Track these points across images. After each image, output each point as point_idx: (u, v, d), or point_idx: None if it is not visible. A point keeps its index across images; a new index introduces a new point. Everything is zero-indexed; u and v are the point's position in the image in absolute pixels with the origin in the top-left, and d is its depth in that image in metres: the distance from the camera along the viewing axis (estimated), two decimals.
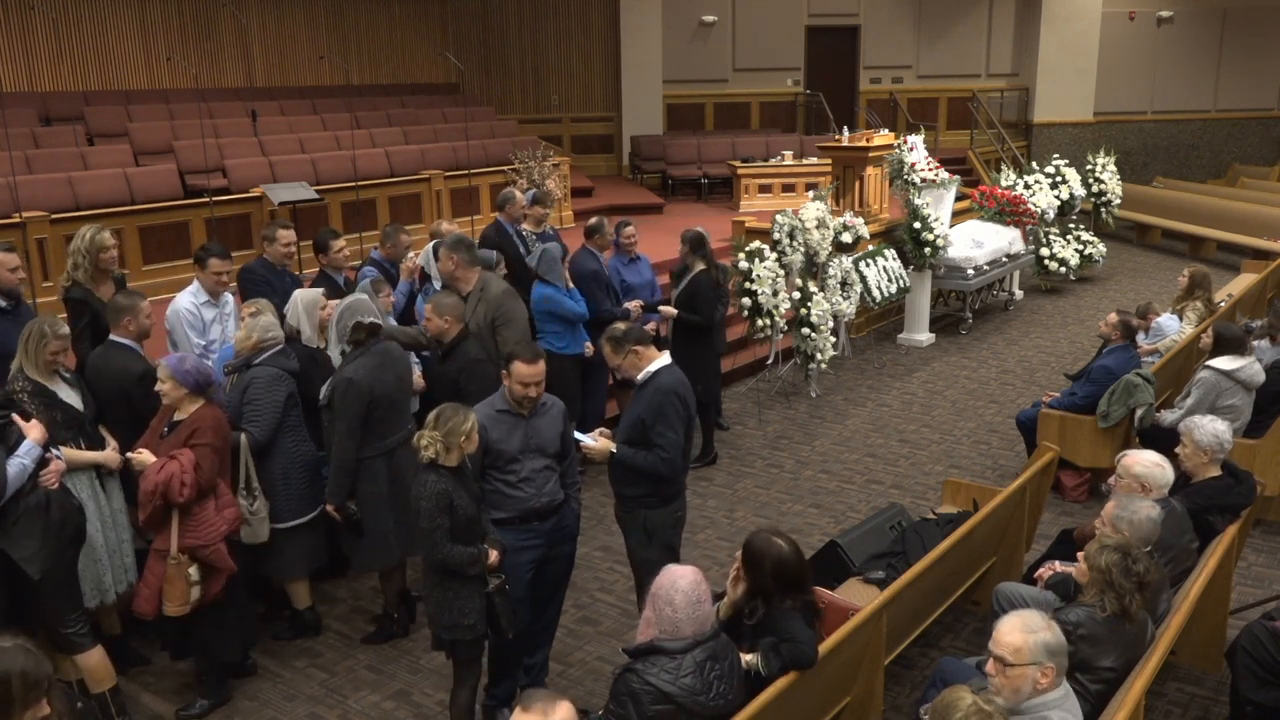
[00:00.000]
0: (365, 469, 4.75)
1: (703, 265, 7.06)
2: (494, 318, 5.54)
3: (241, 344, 4.77)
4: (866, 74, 17.66)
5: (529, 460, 4.19)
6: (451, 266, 5.60)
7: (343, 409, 4.64)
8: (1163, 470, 4.49)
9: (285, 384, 4.75)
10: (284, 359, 4.80)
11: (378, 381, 4.70)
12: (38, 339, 4.32)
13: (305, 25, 13.79)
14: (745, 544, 3.50)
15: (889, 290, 9.57)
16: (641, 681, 3.08)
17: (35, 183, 8.46)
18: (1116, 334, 6.81)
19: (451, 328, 5.02)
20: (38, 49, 11.49)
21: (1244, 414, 6.22)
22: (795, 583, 3.44)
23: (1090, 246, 12.69)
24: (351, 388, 4.62)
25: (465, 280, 5.63)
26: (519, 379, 4.10)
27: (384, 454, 4.79)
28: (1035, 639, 3.00)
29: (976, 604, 5.21)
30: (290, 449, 4.79)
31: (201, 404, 4.32)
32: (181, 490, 4.10)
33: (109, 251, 5.35)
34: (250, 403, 4.64)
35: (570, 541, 4.46)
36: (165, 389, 4.28)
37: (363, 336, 4.77)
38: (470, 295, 5.58)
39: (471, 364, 5.01)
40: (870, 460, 7.45)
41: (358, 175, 9.97)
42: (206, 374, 4.36)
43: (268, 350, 4.76)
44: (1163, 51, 18.23)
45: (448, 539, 3.82)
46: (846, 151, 10.34)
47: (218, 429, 4.32)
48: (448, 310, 5.01)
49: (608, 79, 16.37)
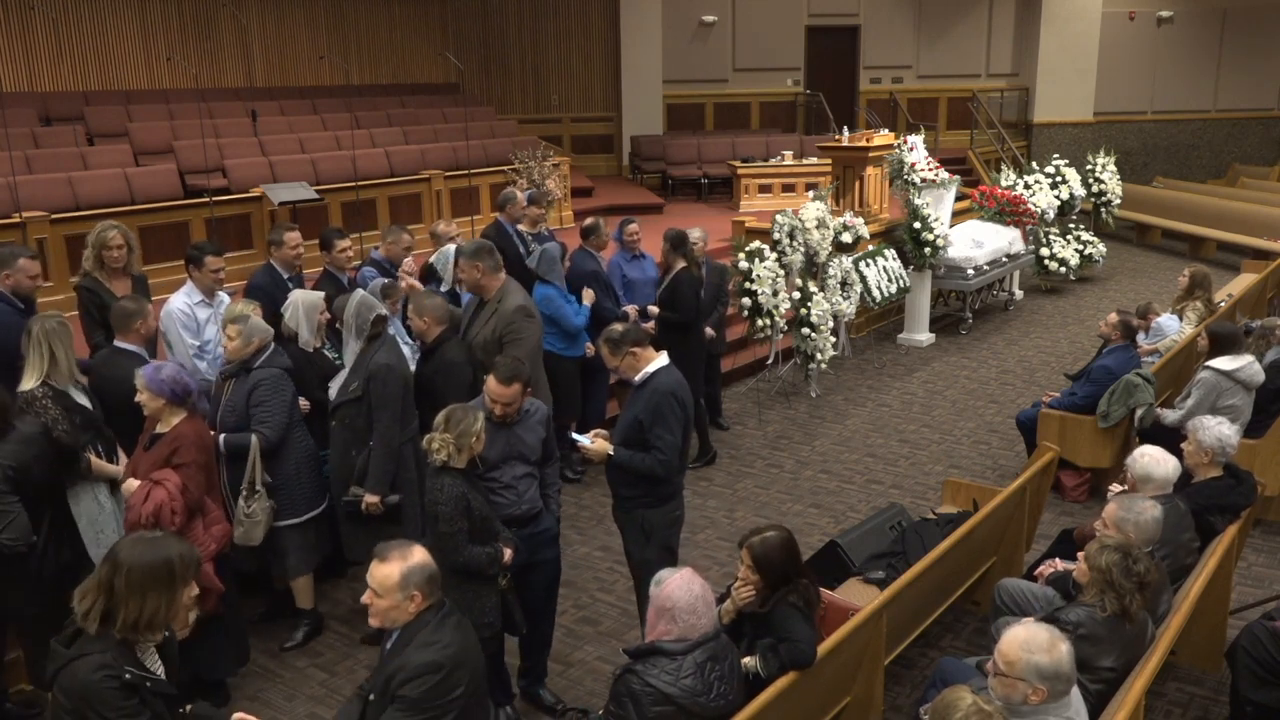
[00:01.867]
0: (401, 455, 4.81)
1: (684, 263, 7.06)
2: (502, 334, 5.37)
3: (240, 350, 4.67)
4: (866, 74, 17.67)
5: (509, 468, 4.21)
6: (478, 275, 5.45)
7: (385, 397, 4.70)
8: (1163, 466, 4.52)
9: (288, 382, 4.76)
10: (280, 358, 4.80)
11: (404, 367, 4.84)
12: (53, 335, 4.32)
13: (305, 25, 13.79)
14: (751, 556, 3.53)
15: (889, 290, 9.57)
16: (642, 682, 3.08)
17: (35, 183, 8.46)
18: (1116, 334, 6.81)
19: (431, 328, 5.02)
20: (38, 49, 11.49)
21: (1244, 414, 6.22)
22: (799, 555, 3.60)
23: (1090, 246, 12.69)
24: (392, 373, 4.72)
25: (490, 288, 5.49)
26: (490, 394, 4.16)
27: (411, 439, 4.85)
28: (1029, 660, 2.95)
29: (976, 604, 5.22)
30: (300, 444, 4.83)
31: (183, 417, 4.20)
32: (173, 519, 4.01)
33: (112, 250, 5.38)
34: (260, 405, 4.62)
35: (552, 546, 4.46)
36: (143, 400, 4.18)
37: (380, 329, 4.88)
38: (488, 305, 5.47)
39: (448, 367, 5.00)
40: (870, 460, 7.45)
41: (358, 175, 9.97)
42: (184, 384, 4.22)
43: (265, 351, 4.73)
44: (1163, 51, 18.23)
45: (467, 541, 3.83)
46: (846, 151, 10.34)
47: (200, 445, 4.21)
48: (428, 311, 5.02)
49: (608, 79, 16.37)
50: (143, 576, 2.70)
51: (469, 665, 2.94)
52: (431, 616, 2.93)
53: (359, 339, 4.89)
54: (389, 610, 2.91)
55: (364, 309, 4.88)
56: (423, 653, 2.86)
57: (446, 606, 2.99)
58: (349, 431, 4.82)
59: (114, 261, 5.40)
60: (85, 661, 2.63)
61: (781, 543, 3.54)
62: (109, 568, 2.72)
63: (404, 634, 2.92)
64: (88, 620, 2.67)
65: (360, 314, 4.87)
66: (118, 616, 2.68)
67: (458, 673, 2.87)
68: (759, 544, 3.53)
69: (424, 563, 2.93)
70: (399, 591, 2.88)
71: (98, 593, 2.70)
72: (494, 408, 4.14)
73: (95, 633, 2.67)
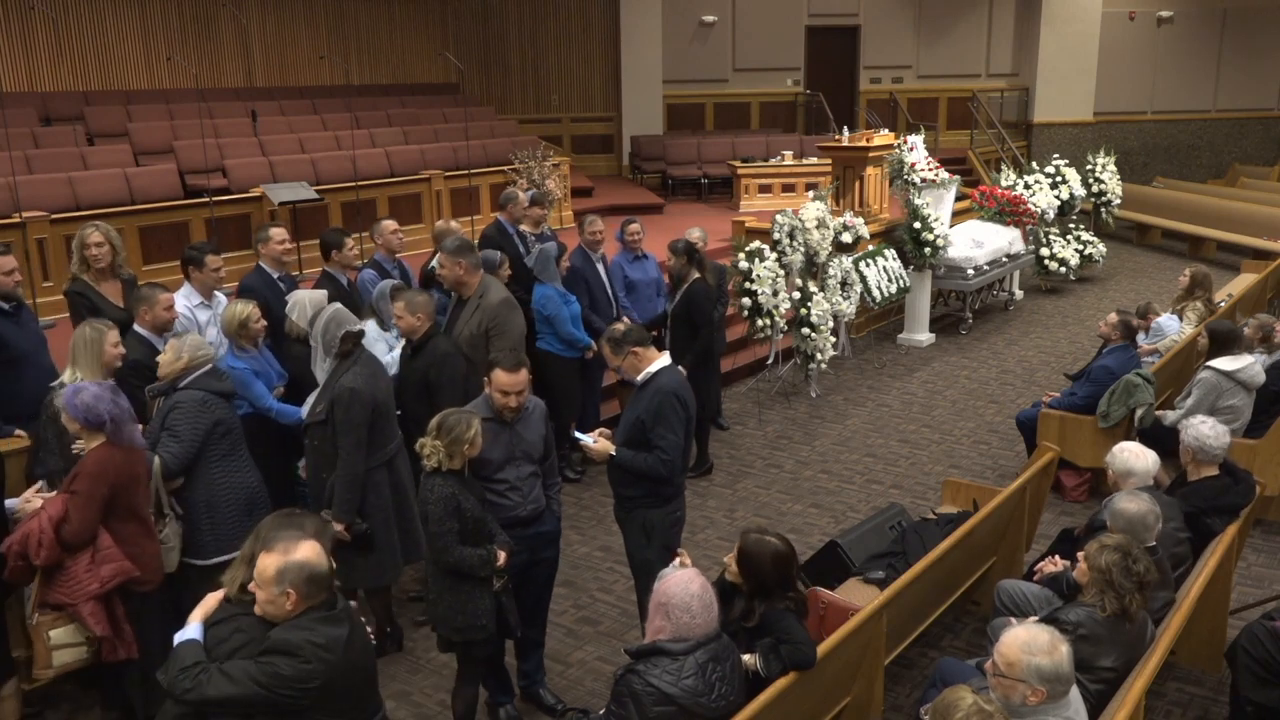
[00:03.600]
0: (370, 481, 4.56)
1: (698, 273, 6.89)
2: (489, 327, 5.40)
3: (169, 366, 4.34)
4: (866, 74, 17.66)
5: (514, 468, 4.18)
6: (460, 272, 5.47)
7: (347, 422, 4.42)
8: (1142, 459, 4.56)
9: (213, 409, 4.34)
10: (214, 380, 4.41)
11: (375, 389, 4.54)
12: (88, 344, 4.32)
13: (305, 25, 13.80)
14: (741, 548, 3.52)
15: (889, 290, 9.57)
16: (643, 683, 3.07)
17: (35, 183, 8.46)
18: (1116, 334, 6.81)
19: (422, 325, 4.95)
20: (38, 49, 11.49)
21: (1244, 414, 6.22)
22: (793, 577, 3.50)
23: (1090, 246, 12.69)
24: (356, 398, 4.43)
25: (471, 285, 5.52)
26: (499, 387, 4.08)
27: (385, 463, 4.63)
28: (1030, 661, 2.96)
29: (976, 604, 5.22)
30: (216, 479, 4.35)
31: (99, 443, 3.86)
32: (38, 552, 3.73)
33: (91, 248, 5.35)
34: (170, 428, 4.26)
35: (552, 546, 4.45)
36: (64, 420, 3.93)
37: (351, 346, 4.57)
38: (470, 301, 5.50)
39: (441, 358, 4.94)
40: (870, 460, 7.45)
41: (358, 175, 9.98)
42: (97, 411, 3.82)
43: (196, 371, 4.36)
44: (1163, 51, 18.23)
45: (457, 542, 3.82)
46: (846, 151, 10.34)
47: (97, 476, 3.82)
48: (421, 308, 4.95)
49: (608, 79, 16.37)
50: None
51: (336, 665, 2.77)
52: (310, 617, 2.79)
53: (328, 357, 4.60)
54: (265, 604, 2.80)
55: (332, 325, 4.55)
56: (286, 632, 2.75)
57: (338, 607, 2.86)
58: (318, 454, 4.60)
59: (95, 260, 5.36)
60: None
61: (774, 553, 3.45)
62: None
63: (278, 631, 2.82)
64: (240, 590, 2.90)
65: (329, 331, 4.56)
66: None
67: (314, 664, 2.72)
68: (753, 541, 3.50)
69: (305, 561, 2.77)
70: (274, 585, 2.76)
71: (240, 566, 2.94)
72: (507, 400, 4.08)
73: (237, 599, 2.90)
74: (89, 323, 4.47)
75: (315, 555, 2.81)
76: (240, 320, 5.01)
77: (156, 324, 4.88)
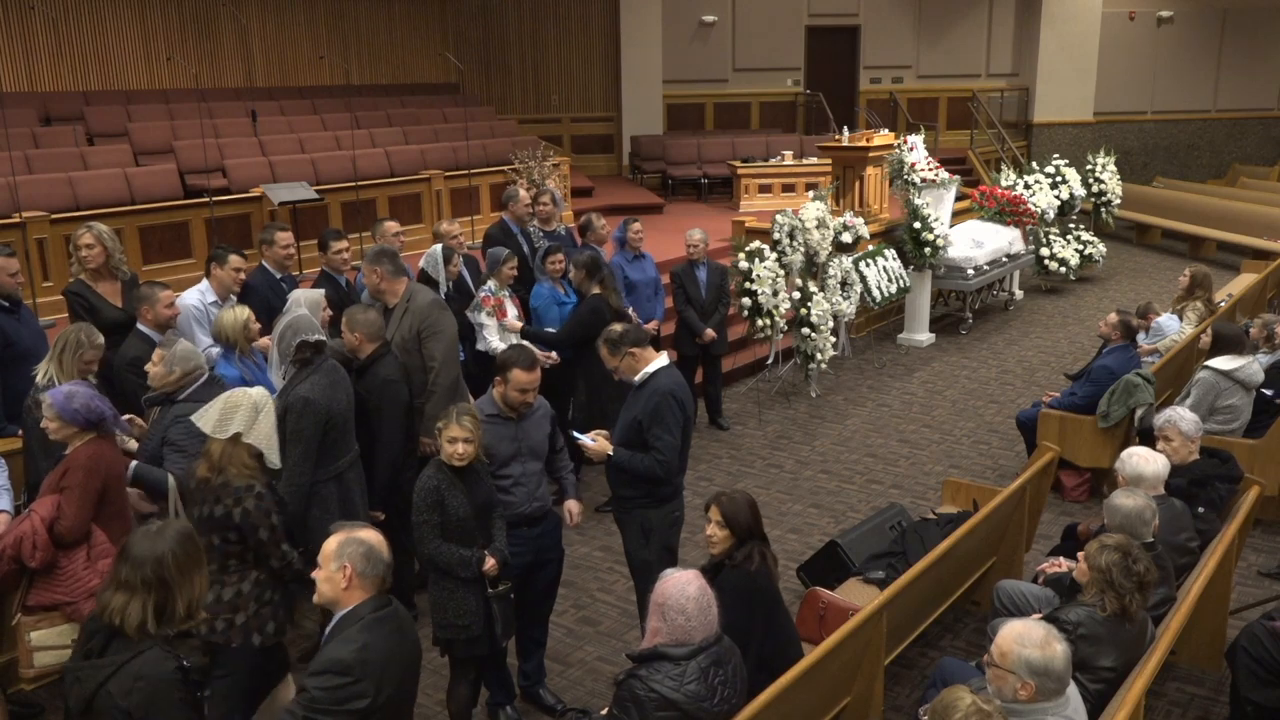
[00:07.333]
0: (316, 495, 4.39)
1: (598, 289, 6.38)
2: (420, 329, 5.19)
3: (162, 379, 4.27)
4: (866, 74, 17.66)
5: (520, 463, 4.23)
6: (376, 280, 5.24)
7: (298, 431, 4.25)
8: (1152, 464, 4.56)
9: None
10: (213, 390, 4.27)
11: (333, 401, 4.38)
12: (74, 347, 4.34)
13: (305, 25, 13.79)
14: (721, 512, 3.75)
15: (889, 290, 9.57)
16: (646, 688, 3.06)
17: (35, 183, 8.45)
18: (1116, 334, 6.81)
19: (364, 345, 4.73)
20: (38, 49, 11.48)
21: (1243, 414, 6.22)
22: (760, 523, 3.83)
23: (1090, 246, 12.69)
24: (309, 407, 4.28)
25: (392, 293, 5.27)
26: (517, 385, 4.14)
27: (335, 477, 4.45)
28: (1021, 653, 2.97)
29: (976, 604, 5.22)
30: None
31: (88, 439, 3.87)
32: (33, 554, 3.72)
33: (81, 249, 5.37)
34: (174, 443, 4.21)
35: (556, 549, 4.47)
36: (51, 428, 3.87)
37: (309, 355, 4.43)
38: (396, 307, 5.28)
39: (382, 384, 4.74)
40: (870, 460, 7.45)
41: (358, 175, 9.97)
42: (96, 409, 3.88)
43: (194, 384, 4.30)
44: (1163, 51, 18.23)
45: (435, 535, 3.86)
46: (846, 151, 10.34)
47: (90, 469, 3.82)
48: (360, 327, 4.73)
49: (608, 79, 16.37)
50: (185, 558, 2.67)
51: (384, 678, 2.77)
52: (367, 611, 2.82)
53: (284, 364, 4.46)
54: (324, 584, 2.84)
55: (288, 333, 4.42)
56: (338, 648, 2.75)
57: (391, 606, 2.88)
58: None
59: (86, 261, 5.37)
60: (145, 659, 2.54)
61: (748, 501, 3.77)
62: (132, 566, 2.61)
63: (338, 625, 2.84)
64: (135, 622, 2.58)
65: (284, 338, 4.42)
66: (173, 607, 2.62)
67: (363, 683, 2.72)
68: (728, 501, 3.75)
69: (366, 539, 2.84)
70: (333, 561, 2.81)
71: (138, 592, 2.60)
72: (525, 397, 4.18)
73: (151, 633, 2.59)
74: (81, 328, 4.51)
75: (376, 539, 2.90)
76: (243, 323, 4.98)
77: (158, 322, 4.92)
